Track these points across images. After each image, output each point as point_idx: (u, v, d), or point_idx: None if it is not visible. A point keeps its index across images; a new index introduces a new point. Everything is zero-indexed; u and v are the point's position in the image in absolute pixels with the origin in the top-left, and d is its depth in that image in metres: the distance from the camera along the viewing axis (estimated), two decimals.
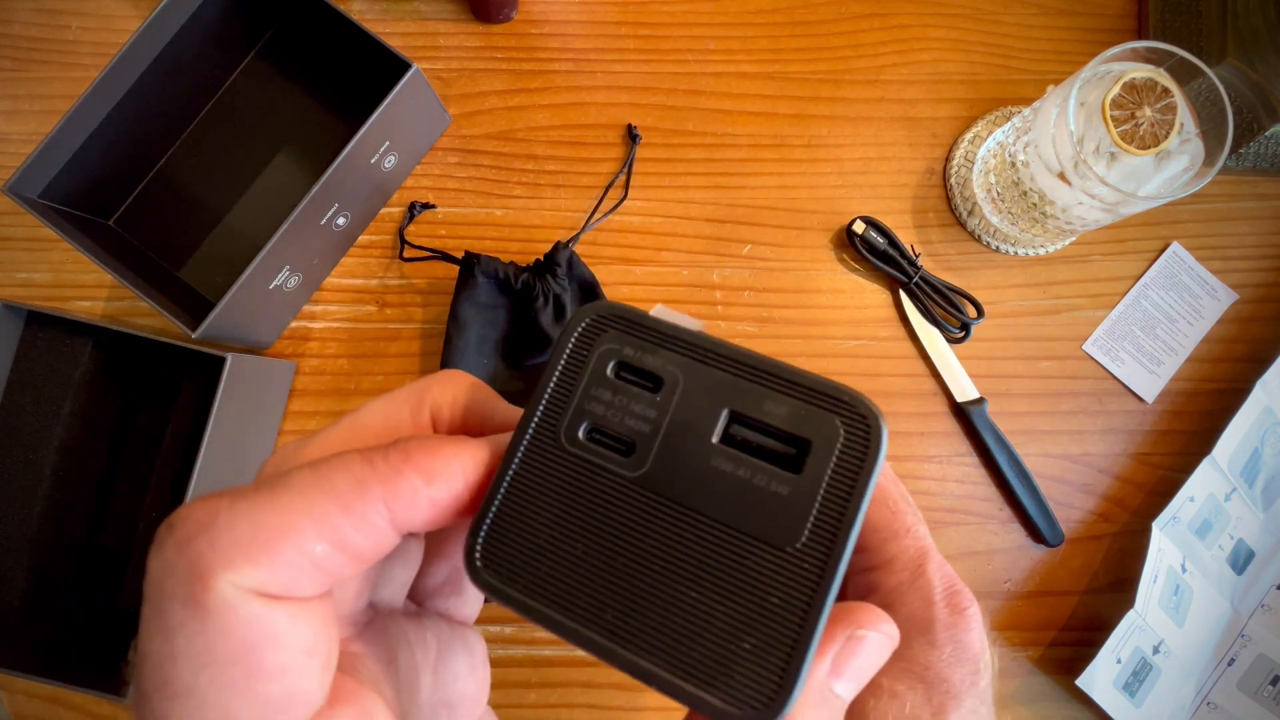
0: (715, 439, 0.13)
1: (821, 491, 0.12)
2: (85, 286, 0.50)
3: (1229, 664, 0.48)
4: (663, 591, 0.12)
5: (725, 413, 0.13)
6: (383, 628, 0.16)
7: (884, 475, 0.19)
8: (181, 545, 0.12)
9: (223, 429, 0.42)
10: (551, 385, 0.14)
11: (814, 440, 0.12)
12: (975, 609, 0.18)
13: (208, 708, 0.11)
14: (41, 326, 0.45)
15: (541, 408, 0.14)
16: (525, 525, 0.13)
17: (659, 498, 0.13)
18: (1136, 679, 0.46)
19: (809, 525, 0.12)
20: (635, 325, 0.14)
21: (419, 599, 0.18)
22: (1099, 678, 0.45)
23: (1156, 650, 0.46)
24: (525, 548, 0.13)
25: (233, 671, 0.11)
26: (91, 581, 0.46)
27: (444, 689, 0.17)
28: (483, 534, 0.14)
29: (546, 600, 0.13)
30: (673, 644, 0.12)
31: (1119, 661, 0.45)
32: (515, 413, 0.16)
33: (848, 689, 0.14)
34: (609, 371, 0.14)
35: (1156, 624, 0.46)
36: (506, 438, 0.14)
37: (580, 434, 0.14)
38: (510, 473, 0.14)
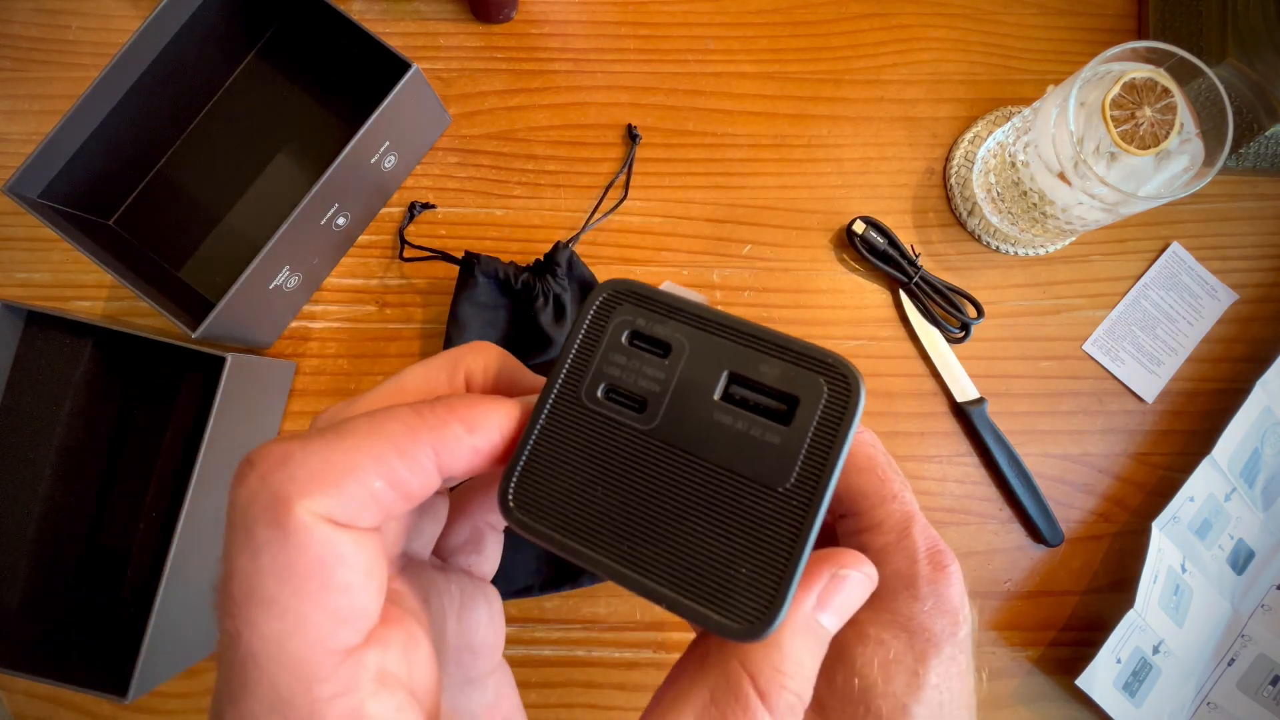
0: (716, 396, 0.15)
1: (808, 439, 0.14)
2: (85, 286, 0.50)
3: (1229, 664, 0.48)
4: (671, 526, 0.14)
5: (725, 374, 0.15)
6: (416, 573, 0.18)
7: (873, 446, 0.21)
8: (264, 477, 0.13)
9: (223, 429, 0.42)
10: (574, 351, 0.16)
11: (801, 397, 0.14)
12: (956, 566, 0.20)
13: (289, 615, 0.13)
14: (41, 326, 0.45)
15: (565, 370, 0.16)
16: (551, 471, 0.16)
17: (668, 447, 0.15)
18: (1136, 679, 0.46)
19: (797, 468, 0.14)
20: (646, 299, 0.16)
21: (443, 555, 0.20)
22: (1099, 678, 0.45)
23: (1156, 650, 0.46)
24: (552, 490, 0.15)
25: (310, 584, 0.13)
26: (91, 581, 0.46)
27: (467, 634, 0.19)
28: (515, 478, 0.16)
29: (571, 534, 0.15)
30: (680, 570, 0.14)
31: (1119, 661, 0.45)
32: (539, 380, 0.18)
33: (831, 621, 0.17)
34: (624, 339, 0.16)
35: (1156, 624, 0.46)
36: (535, 399, 0.16)
37: (599, 393, 0.16)
38: (538, 426, 0.16)
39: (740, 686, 0.15)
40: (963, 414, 0.49)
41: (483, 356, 0.18)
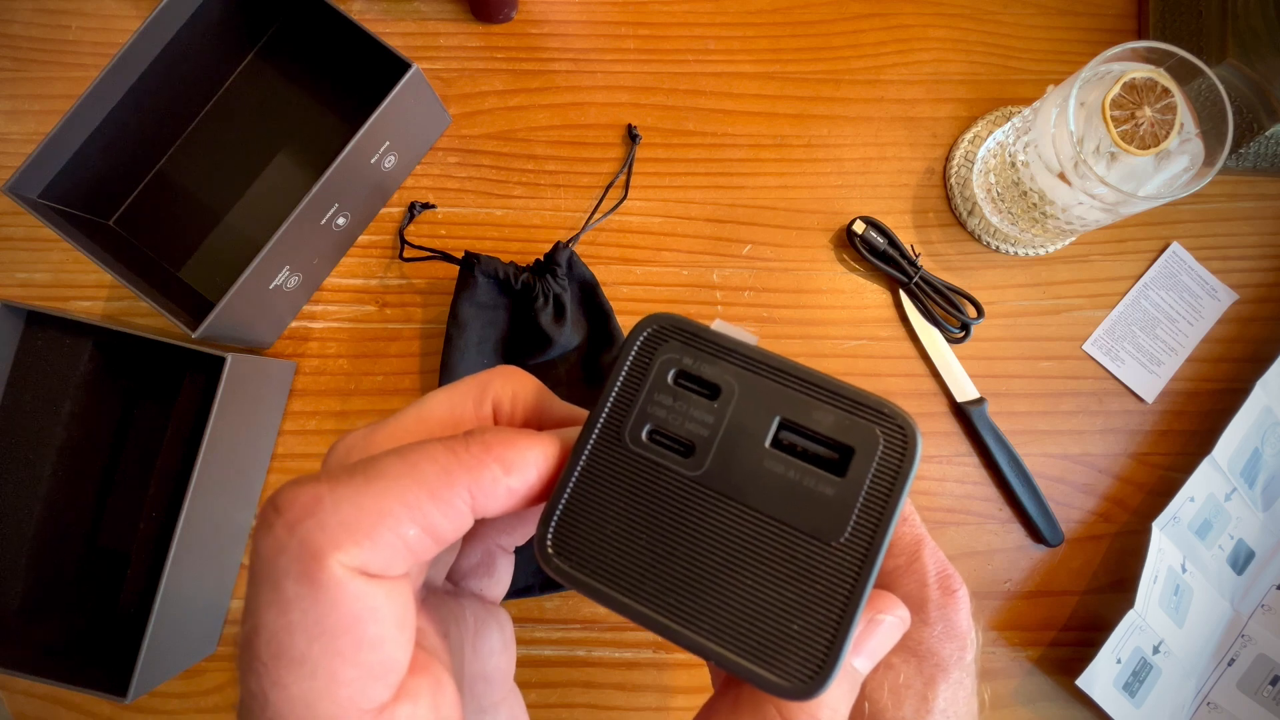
0: (767, 443, 0.14)
1: (863, 493, 0.14)
2: (85, 286, 0.50)
3: (1229, 664, 0.48)
4: (720, 578, 0.14)
5: (777, 420, 0.14)
6: (436, 605, 0.18)
7: None
8: (292, 526, 0.13)
9: (223, 429, 0.42)
10: (616, 389, 0.15)
11: (857, 448, 0.14)
12: (964, 591, 0.20)
13: (320, 674, 0.12)
14: (41, 326, 0.45)
15: (608, 409, 0.15)
16: (593, 516, 0.15)
17: (717, 494, 0.14)
18: (1136, 679, 0.46)
19: (852, 522, 0.14)
20: (694, 336, 0.15)
21: (455, 579, 0.20)
22: (1099, 678, 0.45)
23: (1156, 650, 0.46)
24: (593, 536, 0.15)
25: (342, 641, 0.12)
26: (91, 581, 0.46)
27: (481, 662, 0.18)
28: (554, 523, 0.15)
29: (614, 585, 0.14)
30: (728, 625, 0.14)
31: (1119, 661, 0.45)
32: (571, 409, 0.17)
33: (865, 665, 0.16)
34: (670, 379, 0.15)
35: (1156, 624, 0.46)
36: (574, 433, 0.16)
37: (644, 435, 0.15)
38: (579, 468, 0.15)
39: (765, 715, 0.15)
40: (963, 414, 0.49)
41: (511, 384, 0.17)
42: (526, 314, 0.45)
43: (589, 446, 0.15)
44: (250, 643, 0.13)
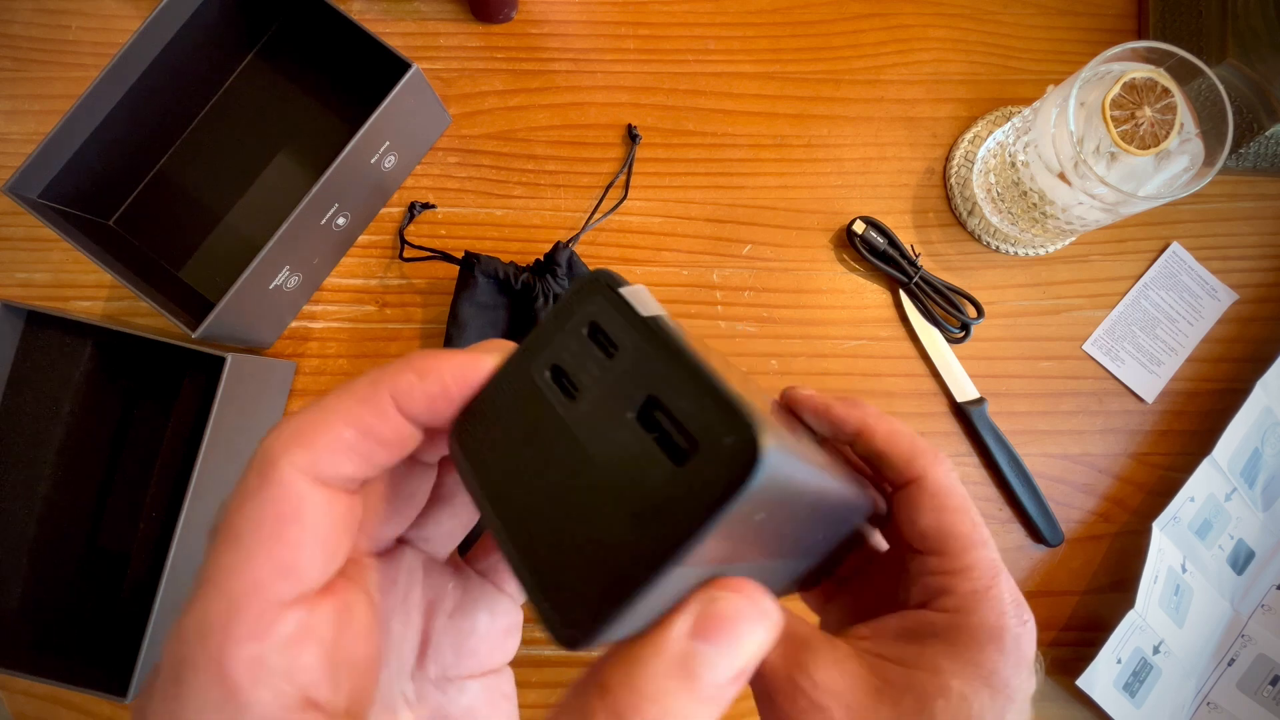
0: (632, 413, 0.15)
1: (688, 490, 0.13)
2: (85, 286, 0.50)
3: (1229, 664, 0.48)
4: (556, 516, 0.15)
5: (646, 395, 0.15)
6: (405, 563, 0.19)
7: (963, 490, 0.21)
8: (263, 440, 0.15)
9: (223, 429, 0.42)
10: (543, 324, 0.16)
11: (703, 446, 0.14)
12: (1033, 622, 0.20)
13: (243, 552, 0.14)
14: (41, 326, 0.45)
15: (528, 339, 0.16)
16: (489, 421, 0.16)
17: (576, 441, 0.15)
18: (1137, 679, 0.46)
19: (669, 509, 0.14)
20: (618, 298, 0.16)
21: (473, 563, 0.21)
22: (1099, 678, 0.45)
23: (1157, 650, 0.46)
24: (485, 441, 0.16)
25: (267, 530, 0.14)
26: (91, 581, 0.46)
27: (455, 633, 0.19)
28: (463, 411, 0.17)
29: (485, 487, 0.16)
30: (546, 560, 0.15)
31: (1119, 662, 0.45)
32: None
33: (723, 659, 0.15)
34: (584, 329, 0.16)
35: (1157, 624, 0.46)
36: (502, 356, 0.17)
37: (546, 369, 0.16)
38: (491, 380, 0.17)
39: (588, 691, 0.15)
40: (963, 414, 0.49)
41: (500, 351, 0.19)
42: (526, 314, 0.45)
43: (506, 365, 0.17)
44: (216, 527, 0.15)
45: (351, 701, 0.15)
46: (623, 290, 0.15)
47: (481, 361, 0.17)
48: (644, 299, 0.16)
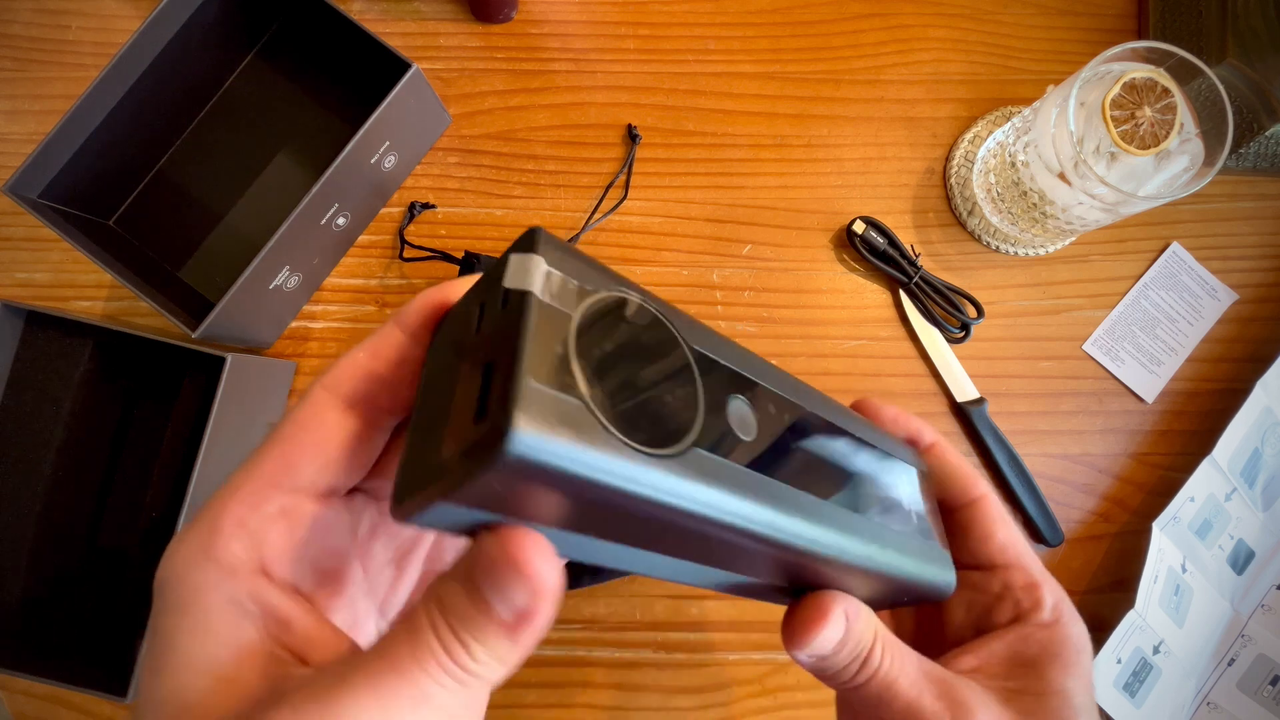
0: (479, 367, 0.16)
1: (473, 445, 0.14)
2: (85, 286, 0.50)
3: (1229, 664, 0.48)
4: (429, 419, 0.17)
5: (487, 360, 0.16)
6: (354, 508, 0.21)
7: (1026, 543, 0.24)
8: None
9: (223, 429, 0.42)
10: (484, 273, 0.18)
11: (490, 414, 0.15)
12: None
13: (259, 452, 0.18)
14: (41, 326, 0.45)
15: (491, 270, 0.18)
16: (441, 336, 0.20)
17: (458, 371, 0.17)
18: (1136, 679, 0.46)
19: (463, 456, 0.15)
20: (518, 260, 0.17)
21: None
22: (1099, 678, 0.45)
23: (1156, 650, 0.46)
24: (433, 349, 0.20)
25: (284, 433, 0.18)
26: (91, 581, 0.46)
27: (368, 555, 0.21)
28: (437, 325, 0.21)
29: (421, 382, 0.19)
30: (416, 446, 0.17)
31: (1119, 661, 0.45)
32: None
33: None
34: (503, 279, 0.17)
35: (1156, 624, 0.46)
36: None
37: (479, 300, 0.18)
38: (460, 300, 0.20)
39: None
40: (963, 414, 0.49)
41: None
42: None
43: (472, 288, 0.19)
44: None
45: (309, 595, 0.18)
46: (512, 256, 0.17)
47: (459, 286, 0.20)
48: (525, 268, 0.16)
